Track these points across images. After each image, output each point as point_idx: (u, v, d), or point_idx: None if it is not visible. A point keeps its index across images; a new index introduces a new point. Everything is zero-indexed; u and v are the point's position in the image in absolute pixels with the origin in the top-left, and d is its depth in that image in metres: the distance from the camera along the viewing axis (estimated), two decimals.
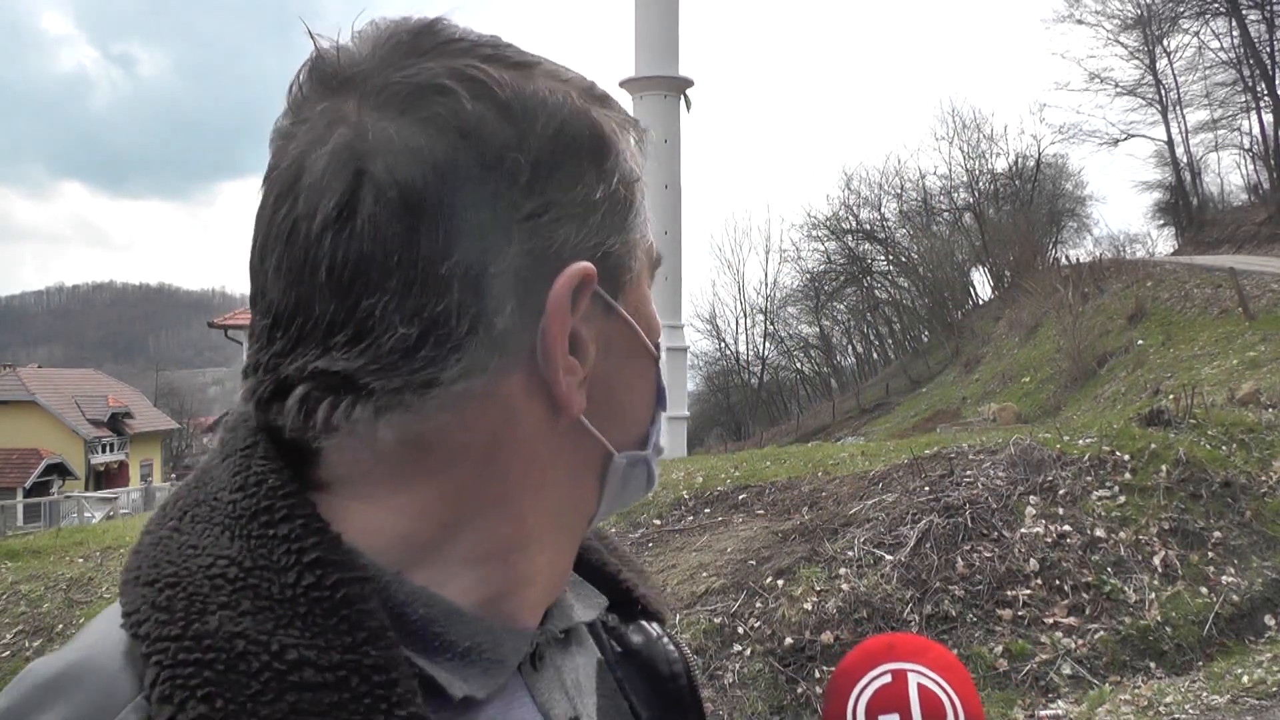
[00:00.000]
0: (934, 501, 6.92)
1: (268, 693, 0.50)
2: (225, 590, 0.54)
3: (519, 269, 0.55)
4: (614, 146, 0.61)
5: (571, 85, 0.61)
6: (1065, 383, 19.40)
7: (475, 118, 0.55)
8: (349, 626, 0.53)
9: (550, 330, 0.56)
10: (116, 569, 7.63)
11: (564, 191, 0.58)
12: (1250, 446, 7.57)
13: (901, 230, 46.47)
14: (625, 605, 0.75)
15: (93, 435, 43.63)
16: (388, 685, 0.52)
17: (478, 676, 0.58)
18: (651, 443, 0.66)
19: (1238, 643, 5.95)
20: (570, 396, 0.58)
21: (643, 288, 0.64)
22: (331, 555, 0.55)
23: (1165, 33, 37.97)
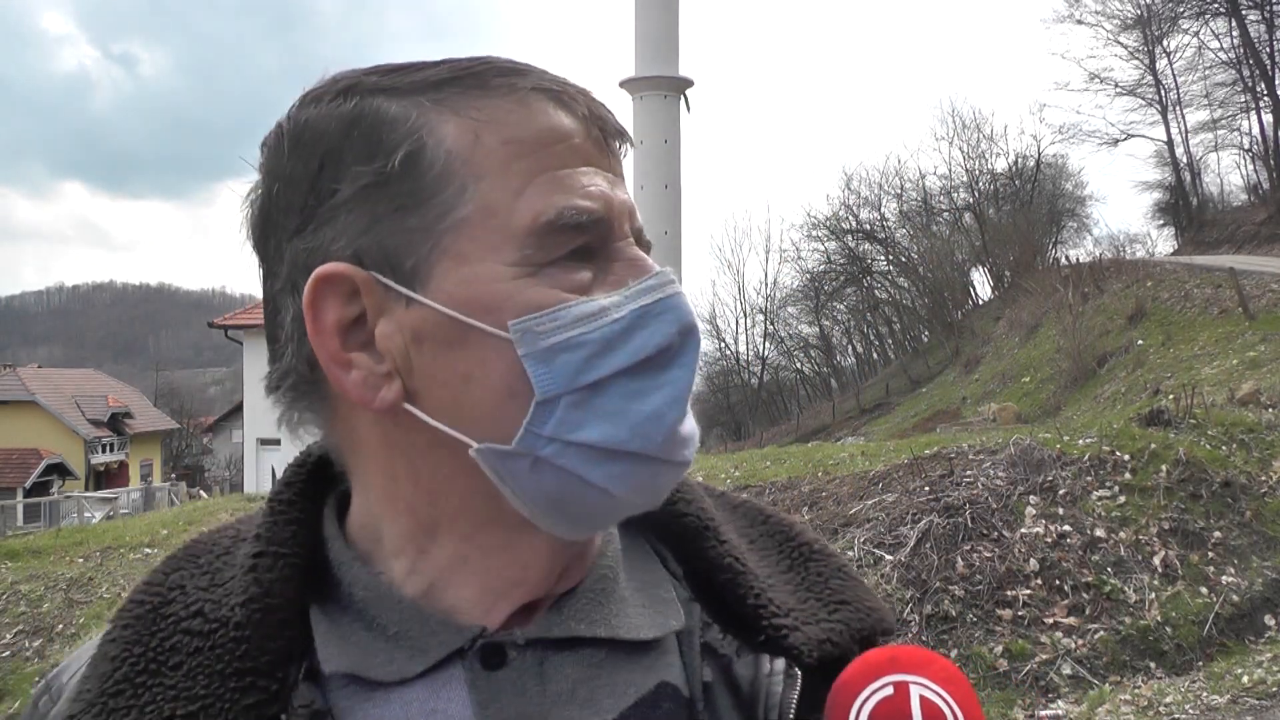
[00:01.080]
0: (934, 501, 6.92)
1: (163, 629, 0.64)
2: (213, 554, 0.69)
3: (294, 283, 0.62)
4: (394, 133, 0.60)
5: (370, 82, 0.63)
6: (1065, 383, 19.40)
7: (268, 160, 0.64)
8: (239, 591, 0.63)
9: (310, 333, 0.61)
10: (116, 569, 7.64)
11: (319, 200, 0.61)
12: (1250, 446, 7.57)
13: (901, 230, 46.46)
14: (754, 633, 0.68)
15: (93, 435, 43.62)
16: (240, 640, 0.61)
17: (403, 660, 0.62)
18: (529, 437, 0.59)
19: (1238, 643, 5.95)
20: (358, 391, 0.61)
21: (476, 266, 0.60)
22: (282, 534, 0.66)
23: (1165, 33, 37.98)
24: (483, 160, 0.60)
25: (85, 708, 0.60)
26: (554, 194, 0.60)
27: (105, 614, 6.77)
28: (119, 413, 46.60)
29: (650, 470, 0.61)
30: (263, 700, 0.60)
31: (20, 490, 34.62)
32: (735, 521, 0.77)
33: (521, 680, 0.62)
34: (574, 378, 0.59)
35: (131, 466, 45.36)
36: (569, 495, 0.60)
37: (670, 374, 0.61)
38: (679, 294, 0.63)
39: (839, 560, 0.76)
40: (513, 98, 0.62)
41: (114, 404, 46.91)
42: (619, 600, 0.67)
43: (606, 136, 0.65)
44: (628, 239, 0.64)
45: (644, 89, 30.25)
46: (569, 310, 0.59)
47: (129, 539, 8.43)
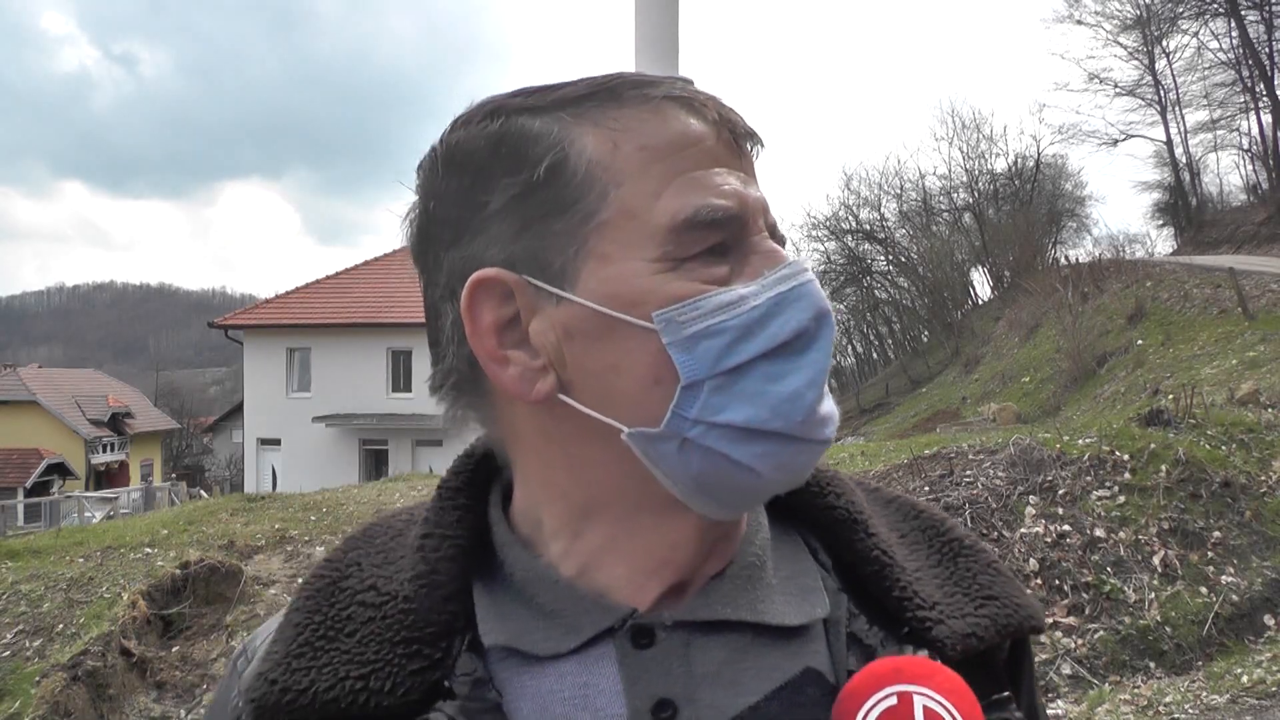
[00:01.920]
0: (934, 501, 6.92)
1: (340, 600, 0.70)
2: (387, 535, 0.76)
3: (452, 290, 0.67)
4: (538, 146, 0.65)
5: (514, 103, 0.67)
6: (1065, 383, 19.40)
7: (424, 182, 0.69)
8: (409, 568, 0.70)
9: (468, 334, 0.66)
10: (117, 569, 7.64)
11: (472, 212, 0.66)
12: (1250, 446, 7.57)
13: (901, 230, 46.50)
14: (899, 625, 0.70)
15: (93, 435, 43.62)
16: (408, 612, 0.67)
17: (558, 637, 0.67)
18: (676, 420, 0.63)
19: (1237, 642, 5.96)
20: (516, 385, 0.66)
21: (619, 264, 0.63)
22: (448, 518, 0.72)
23: (1164, 33, 38.02)
24: (621, 166, 0.64)
25: (272, 666, 0.67)
26: (690, 194, 0.64)
27: (105, 614, 6.78)
28: (119, 413, 46.60)
29: (792, 449, 0.64)
30: (426, 667, 0.65)
31: (21, 490, 34.63)
32: (887, 515, 0.79)
33: (668, 660, 0.65)
34: (716, 363, 0.62)
35: (132, 466, 45.36)
36: (715, 474, 0.63)
37: (807, 357, 0.64)
38: (812, 281, 0.66)
39: (989, 556, 0.77)
40: (646, 107, 0.66)
41: (114, 404, 46.92)
42: (766, 586, 0.70)
43: (737, 138, 0.68)
44: (762, 233, 0.67)
45: None
46: (709, 300, 0.63)
47: (129, 539, 8.42)
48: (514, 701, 0.65)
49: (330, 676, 0.65)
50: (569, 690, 0.65)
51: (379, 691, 0.64)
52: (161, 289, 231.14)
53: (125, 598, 6.82)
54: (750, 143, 0.70)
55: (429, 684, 0.65)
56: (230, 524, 8.58)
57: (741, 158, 0.68)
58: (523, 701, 0.65)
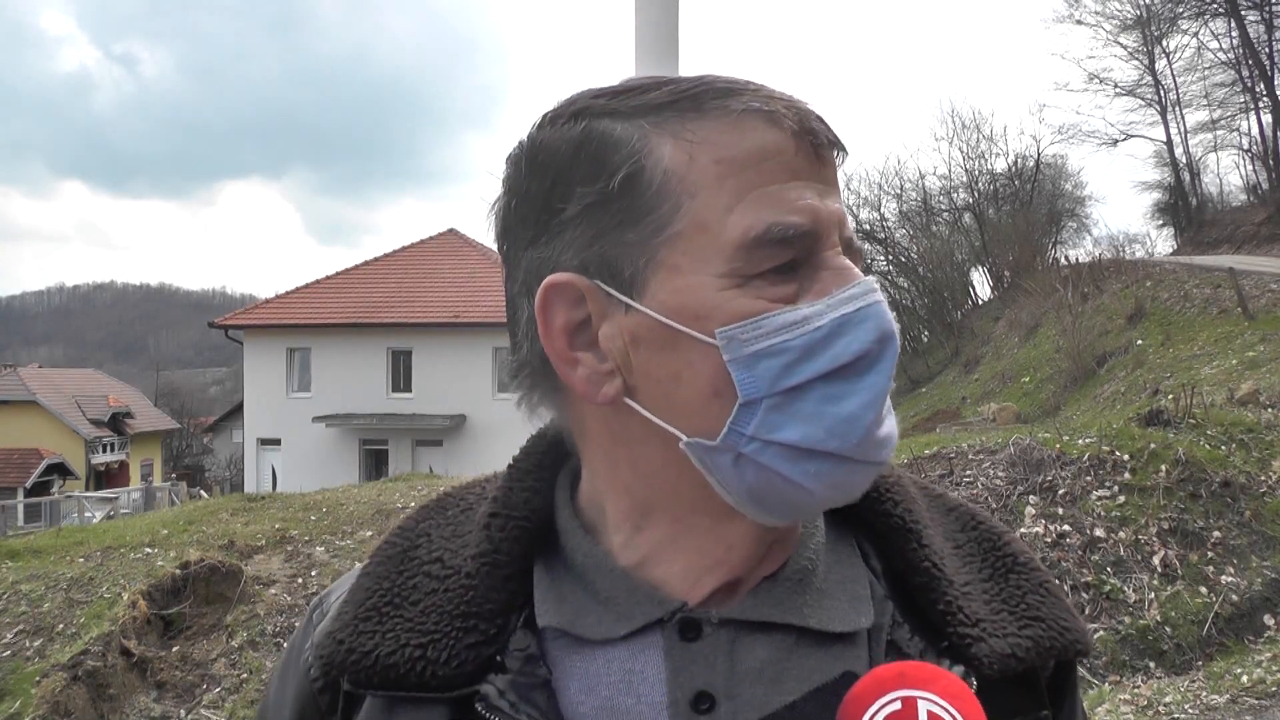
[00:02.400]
0: None
1: (408, 569, 0.74)
2: (459, 508, 0.79)
3: (529, 288, 0.69)
4: (616, 155, 0.66)
5: (598, 105, 0.68)
6: (1065, 383, 19.40)
7: (509, 176, 0.71)
8: (474, 545, 0.73)
9: (540, 334, 0.68)
10: (117, 569, 7.64)
11: (550, 215, 0.68)
12: (1250, 446, 7.57)
13: (901, 230, 46.41)
14: (940, 638, 0.72)
15: (93, 435, 43.62)
16: (469, 588, 0.70)
17: (610, 622, 0.69)
18: (732, 435, 0.63)
19: (1237, 642, 5.96)
20: (584, 386, 0.68)
21: (687, 277, 0.64)
22: (516, 499, 0.74)
23: (1164, 33, 37.95)
24: (697, 179, 0.65)
25: (341, 626, 0.71)
26: (762, 210, 0.64)
27: (106, 614, 6.78)
28: (119, 413, 46.60)
29: (845, 469, 0.65)
30: (481, 641, 0.69)
31: (21, 490, 34.62)
32: (946, 524, 0.80)
33: (713, 654, 0.67)
34: (775, 382, 0.63)
35: (132, 466, 45.35)
36: (768, 488, 0.65)
37: (867, 380, 0.64)
38: (879, 303, 0.66)
39: (1042, 575, 0.77)
40: (726, 120, 0.65)
41: (114, 404, 46.91)
42: (815, 591, 0.71)
43: (818, 149, 0.67)
44: (835, 248, 0.67)
45: None
46: (772, 319, 0.63)
47: (129, 539, 8.42)
48: (562, 680, 0.68)
49: (393, 643, 0.69)
50: (616, 675, 0.68)
51: (435, 661, 0.68)
52: (161, 289, 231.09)
53: (125, 598, 6.82)
54: (834, 151, 0.69)
55: (484, 658, 0.68)
56: (230, 524, 8.58)
57: (823, 168, 0.68)
58: (571, 681, 0.68)
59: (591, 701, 0.67)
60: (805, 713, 0.67)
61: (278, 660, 0.82)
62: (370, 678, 0.69)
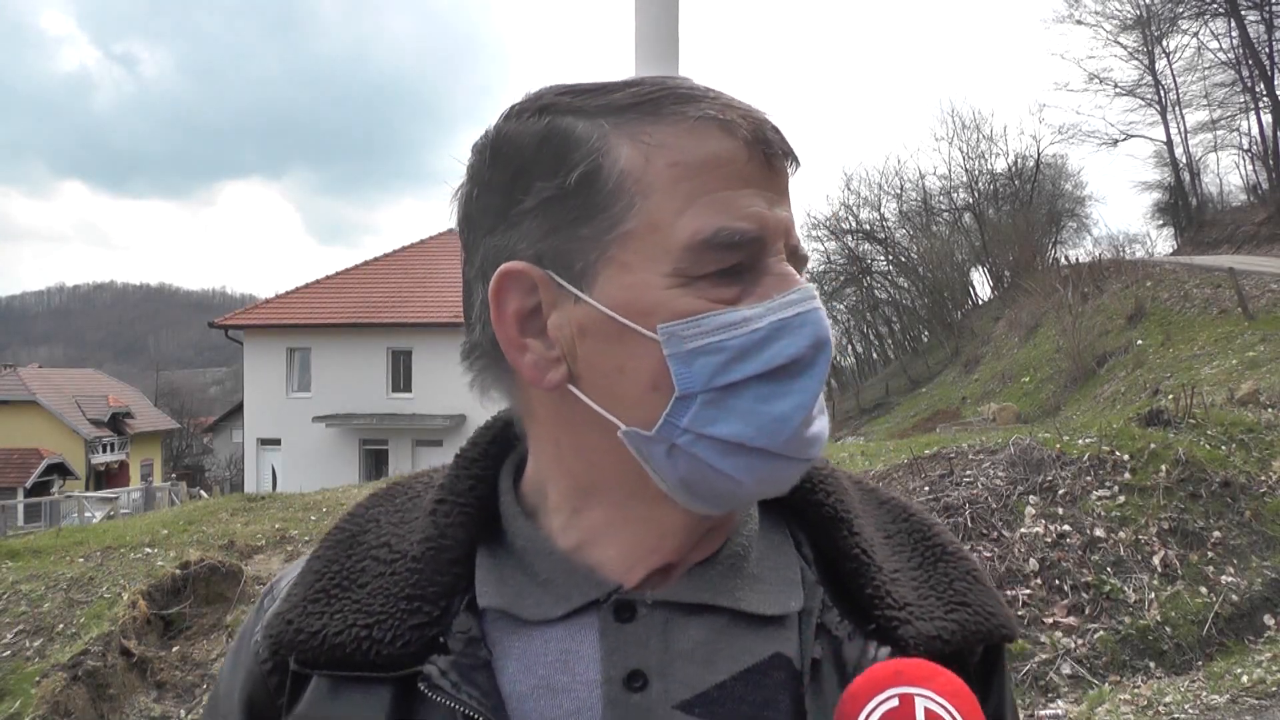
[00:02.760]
0: (934, 501, 6.92)
1: (356, 553, 0.76)
2: (406, 495, 0.81)
3: (484, 273, 0.71)
4: (576, 152, 0.68)
5: (562, 102, 0.70)
6: (1065, 383, 19.40)
7: (473, 165, 0.73)
8: (420, 530, 0.75)
9: (493, 319, 0.71)
10: (117, 569, 7.64)
11: (509, 206, 0.70)
12: (1250, 446, 7.57)
13: (901, 230, 46.46)
14: (868, 621, 0.75)
15: (93, 435, 43.61)
16: (414, 571, 0.73)
17: (548, 604, 0.72)
18: (667, 426, 0.67)
19: (1237, 642, 5.96)
20: (531, 371, 0.71)
21: (635, 274, 0.67)
22: (461, 485, 0.77)
23: (1164, 33, 37.97)
24: (651, 180, 0.67)
25: (290, 608, 0.74)
26: (712, 214, 0.67)
27: (106, 614, 6.78)
28: (119, 413, 46.59)
29: (773, 464, 0.68)
30: (425, 623, 0.71)
31: (21, 490, 34.61)
32: (878, 516, 0.83)
33: (647, 635, 0.70)
34: (711, 379, 0.66)
35: (132, 466, 45.34)
36: (700, 479, 0.68)
37: (800, 382, 0.67)
38: (817, 310, 0.69)
39: (970, 564, 0.81)
40: (683, 125, 0.68)
41: (114, 404, 46.91)
42: (748, 576, 0.74)
43: (771, 158, 0.70)
44: (780, 255, 0.70)
45: None
46: (712, 319, 0.66)
47: (129, 539, 8.42)
48: (502, 660, 0.71)
49: (340, 623, 0.72)
50: (553, 654, 0.71)
51: (381, 641, 0.70)
52: (161, 289, 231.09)
53: (125, 598, 6.82)
54: (786, 161, 0.72)
55: (427, 639, 0.71)
56: (230, 524, 8.58)
57: (774, 177, 0.71)
58: (510, 661, 0.71)
59: (529, 680, 0.70)
60: (735, 692, 0.69)
61: (229, 649, 0.84)
62: (317, 657, 0.71)
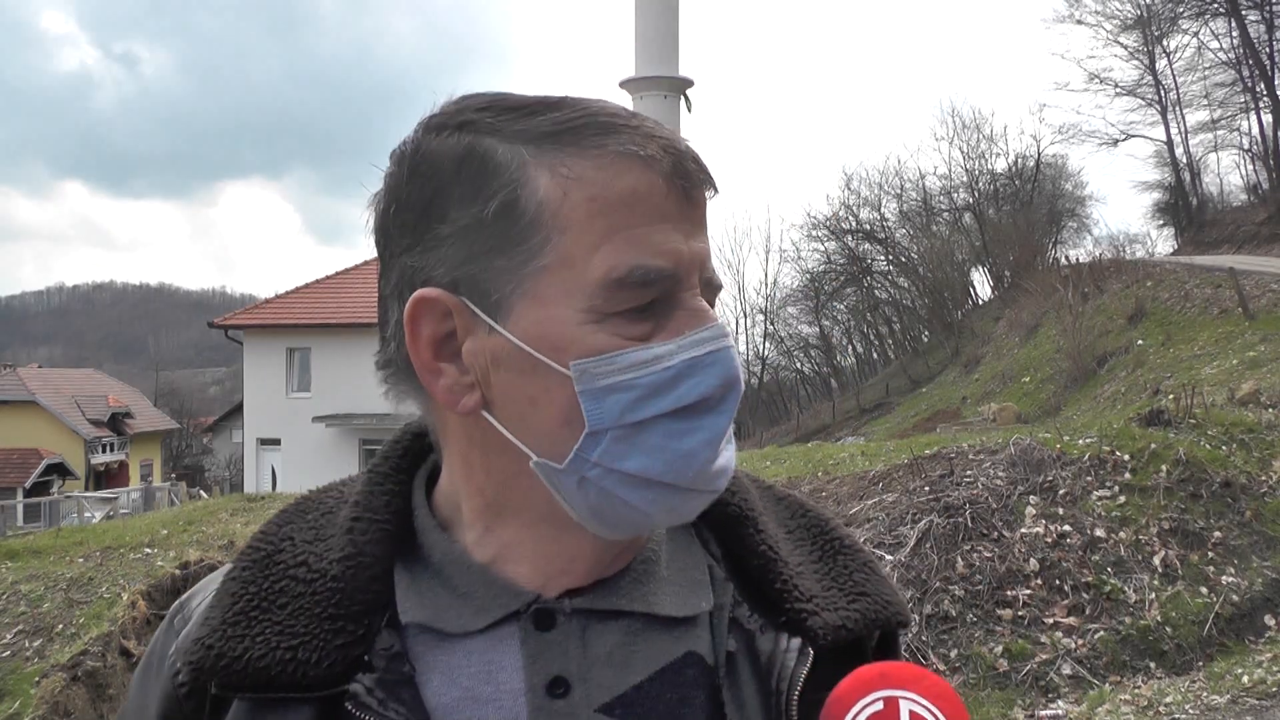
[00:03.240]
0: (934, 501, 6.92)
1: (274, 573, 0.75)
2: (319, 511, 0.80)
3: (400, 293, 0.71)
4: (494, 181, 0.68)
5: (483, 121, 0.70)
6: (1065, 383, 19.40)
7: (391, 177, 0.72)
8: (338, 548, 0.75)
9: (407, 343, 0.71)
10: (116, 569, 7.64)
11: (426, 228, 0.70)
12: (1250, 446, 7.57)
13: (901, 230, 46.44)
14: (778, 614, 0.77)
15: (93, 435, 43.62)
16: (335, 591, 0.73)
17: (469, 616, 0.73)
18: (578, 460, 0.68)
19: (1238, 643, 5.96)
20: (445, 396, 0.71)
21: (550, 309, 0.67)
22: (377, 501, 0.77)
23: (1165, 33, 37.95)
24: (568, 214, 0.67)
25: (210, 632, 0.72)
26: (627, 252, 0.67)
27: (105, 614, 6.78)
28: (119, 413, 46.60)
29: (680, 497, 0.70)
30: (350, 642, 0.71)
31: (20, 490, 34.62)
32: (778, 513, 0.86)
33: (566, 642, 0.72)
34: (621, 415, 0.67)
35: (131, 466, 45.35)
36: (608, 509, 0.69)
37: (708, 420, 0.69)
38: (728, 349, 0.70)
39: (866, 556, 0.84)
40: (602, 159, 0.68)
41: (114, 404, 46.91)
42: (659, 580, 0.76)
43: (689, 190, 0.70)
44: (694, 290, 0.71)
45: (644, 89, 30.21)
46: (624, 356, 0.67)
47: (129, 539, 8.43)
48: (425, 674, 0.72)
49: (263, 646, 0.71)
50: (476, 665, 0.72)
51: (306, 662, 0.70)
52: (161, 289, 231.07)
53: (125, 598, 6.82)
54: (705, 190, 0.72)
55: (351, 658, 0.71)
56: (230, 524, 8.58)
57: (692, 209, 0.71)
58: (433, 675, 0.72)
59: (453, 692, 0.71)
60: (650, 692, 0.72)
61: (137, 667, 0.82)
62: (241, 680, 0.70)
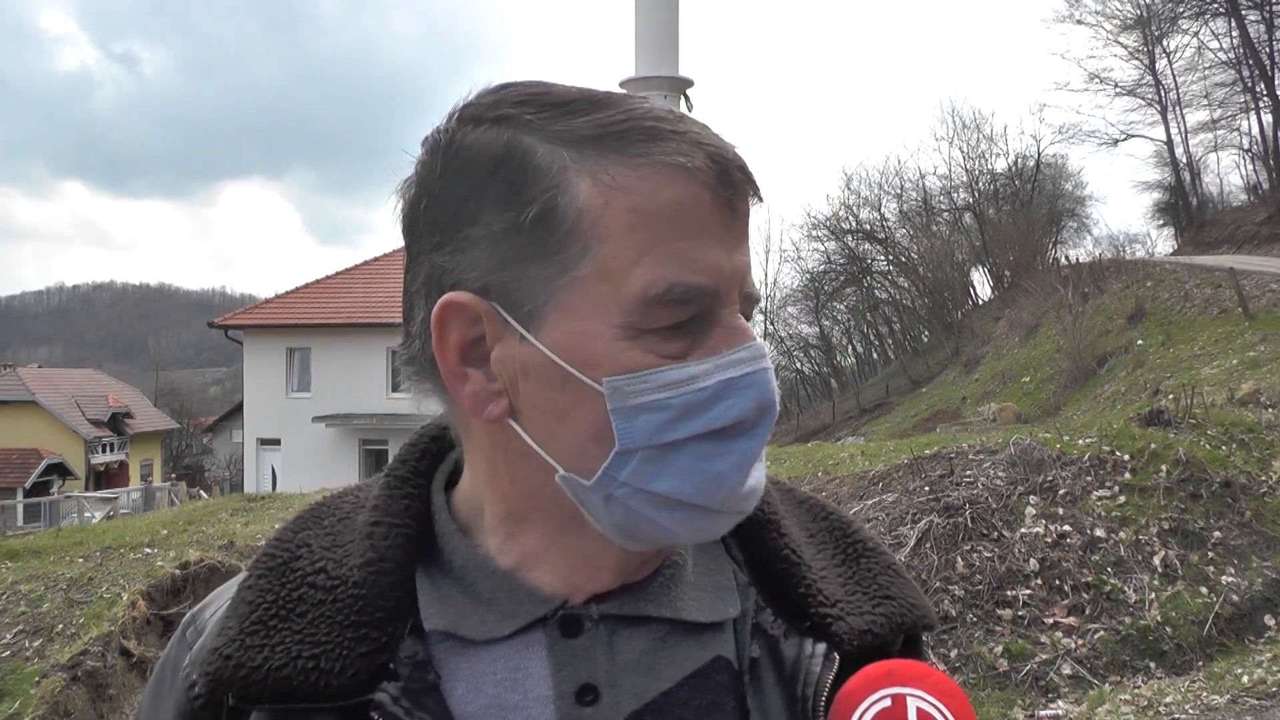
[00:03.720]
0: (934, 501, 6.92)
1: (291, 581, 0.73)
2: (335, 517, 0.78)
3: (428, 293, 0.69)
4: (533, 186, 0.65)
5: (523, 118, 0.67)
6: (1065, 383, 19.41)
7: (424, 167, 0.70)
8: (358, 554, 0.73)
9: (434, 345, 0.69)
10: (116, 569, 7.64)
11: (459, 228, 0.68)
12: (1250, 446, 7.57)
13: (901, 230, 46.43)
14: (802, 619, 0.76)
15: (93, 435, 43.62)
16: (357, 598, 0.70)
17: (494, 622, 0.71)
18: (606, 479, 0.66)
19: (1238, 643, 5.96)
20: (470, 402, 0.70)
21: (584, 322, 0.65)
22: (396, 506, 0.75)
23: (1165, 33, 37.94)
24: (608, 225, 0.65)
25: (227, 642, 0.70)
26: (667, 267, 0.65)
27: (105, 614, 6.78)
28: (119, 413, 46.60)
29: (709, 519, 0.68)
30: (373, 650, 0.69)
31: (20, 490, 34.63)
32: (799, 516, 0.84)
33: (593, 649, 0.71)
34: (653, 436, 0.65)
35: (131, 466, 45.35)
36: (635, 527, 0.68)
37: (740, 443, 0.67)
38: (765, 370, 0.68)
39: (889, 559, 0.83)
40: (646, 168, 0.65)
41: (114, 404, 46.91)
42: (685, 585, 0.75)
43: (733, 201, 0.68)
44: (733, 306, 0.68)
45: (644, 89, 30.23)
46: (659, 375, 0.65)
47: (129, 539, 8.43)
48: (450, 682, 0.70)
49: (283, 655, 0.69)
50: (501, 673, 0.70)
51: (329, 672, 0.68)
52: (161, 289, 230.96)
53: (125, 598, 6.82)
54: (751, 199, 0.70)
55: (375, 666, 0.69)
56: (230, 524, 8.58)
57: (735, 221, 0.68)
58: (458, 682, 0.70)
59: (479, 700, 0.70)
60: (679, 698, 0.70)
61: (149, 681, 0.80)
62: (261, 691, 0.69)
